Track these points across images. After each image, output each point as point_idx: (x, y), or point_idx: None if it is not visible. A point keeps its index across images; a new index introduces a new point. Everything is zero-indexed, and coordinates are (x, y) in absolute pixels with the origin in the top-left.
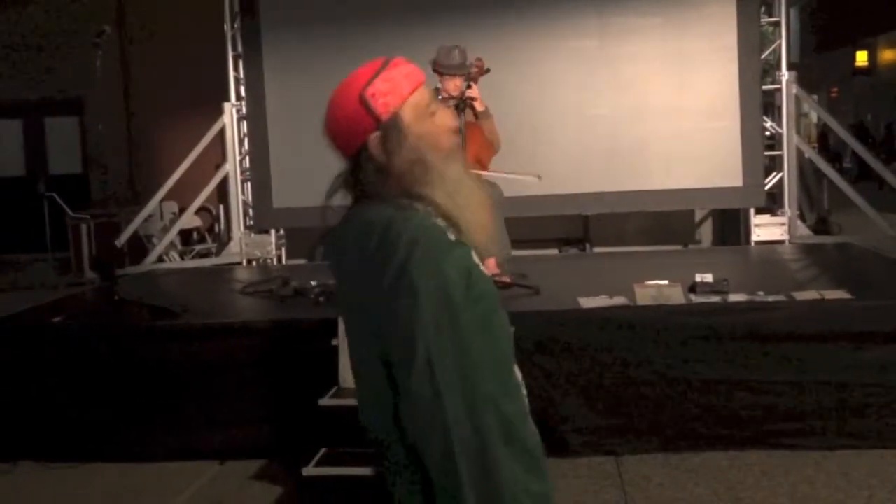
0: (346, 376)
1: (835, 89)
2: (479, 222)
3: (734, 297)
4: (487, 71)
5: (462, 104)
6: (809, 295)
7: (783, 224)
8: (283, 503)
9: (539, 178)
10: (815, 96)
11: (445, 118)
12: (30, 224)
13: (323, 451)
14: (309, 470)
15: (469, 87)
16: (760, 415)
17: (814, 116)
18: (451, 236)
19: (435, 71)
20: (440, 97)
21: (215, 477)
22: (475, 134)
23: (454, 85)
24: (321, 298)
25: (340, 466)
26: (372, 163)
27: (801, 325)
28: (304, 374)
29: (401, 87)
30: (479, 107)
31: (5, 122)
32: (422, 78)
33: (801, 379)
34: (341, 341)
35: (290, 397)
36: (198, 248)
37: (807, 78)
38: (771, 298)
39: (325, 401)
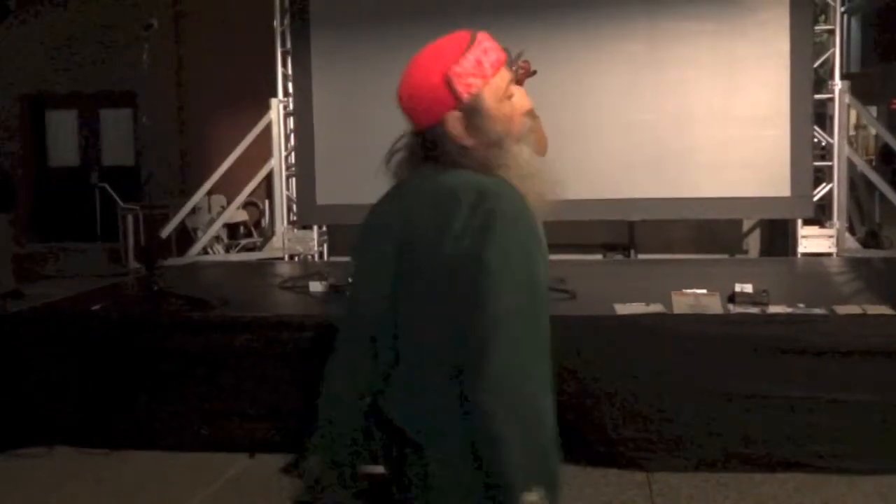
0: None
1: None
2: (542, 208)
3: (774, 309)
4: (534, 73)
5: None
6: (852, 309)
7: (831, 236)
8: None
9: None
10: (875, 107)
11: (522, 101)
12: (82, 213)
13: None
14: None
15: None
16: (798, 433)
17: (871, 128)
18: None
19: None
20: None
21: (245, 469)
22: None
23: None
24: None
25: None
26: (448, 138)
27: (841, 339)
28: None
29: (484, 68)
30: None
31: (61, 113)
32: (503, 58)
33: (841, 396)
34: None
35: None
36: (243, 242)
37: (868, 88)
38: (812, 311)
39: None
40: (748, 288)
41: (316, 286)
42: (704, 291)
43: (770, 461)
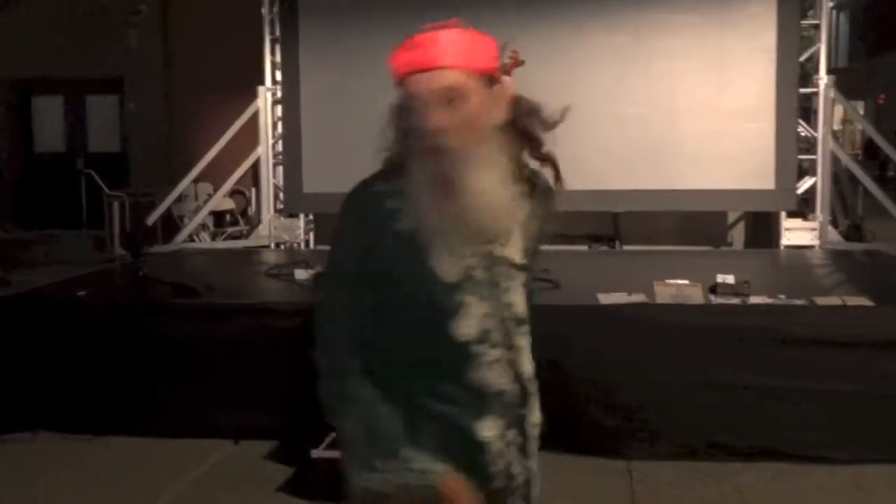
0: None
1: (883, 95)
2: (477, 216)
3: (755, 300)
4: (522, 63)
5: None
6: (831, 300)
7: (814, 229)
8: (292, 484)
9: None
10: (862, 102)
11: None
12: (68, 200)
13: (333, 433)
14: (318, 452)
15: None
16: (777, 422)
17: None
18: None
19: None
20: None
21: (229, 455)
22: None
23: None
24: None
25: None
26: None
27: (820, 330)
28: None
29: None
30: None
31: (47, 99)
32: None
33: (820, 386)
34: None
35: (305, 379)
36: (230, 230)
37: (855, 83)
38: (792, 302)
39: None
40: (730, 279)
41: (301, 274)
42: (686, 282)
43: (749, 450)
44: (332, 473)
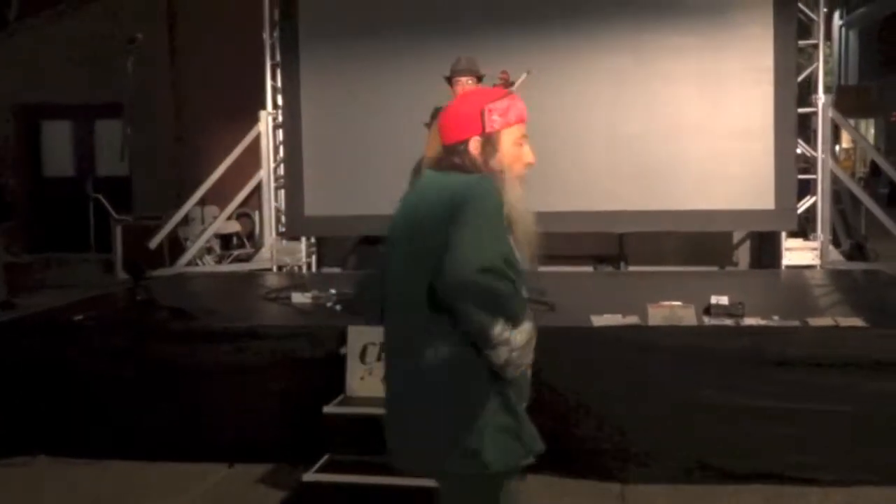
0: (353, 385)
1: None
2: (525, 236)
3: (748, 321)
4: (512, 83)
5: None
6: (824, 321)
7: (815, 249)
8: None
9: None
10: (873, 120)
11: (528, 153)
12: (77, 224)
13: (326, 457)
14: (309, 476)
15: None
16: (771, 444)
17: (870, 140)
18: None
19: (447, 80)
20: None
21: (223, 479)
22: None
23: (461, 89)
24: (337, 307)
25: (340, 474)
26: (468, 156)
27: (812, 351)
28: (313, 380)
29: (509, 116)
30: None
31: (56, 124)
32: (525, 116)
33: (813, 407)
34: (350, 350)
35: (300, 403)
36: (236, 252)
37: (866, 101)
38: (785, 323)
39: (330, 408)
40: (724, 300)
41: (299, 297)
42: (680, 303)
43: (744, 472)
44: (323, 497)
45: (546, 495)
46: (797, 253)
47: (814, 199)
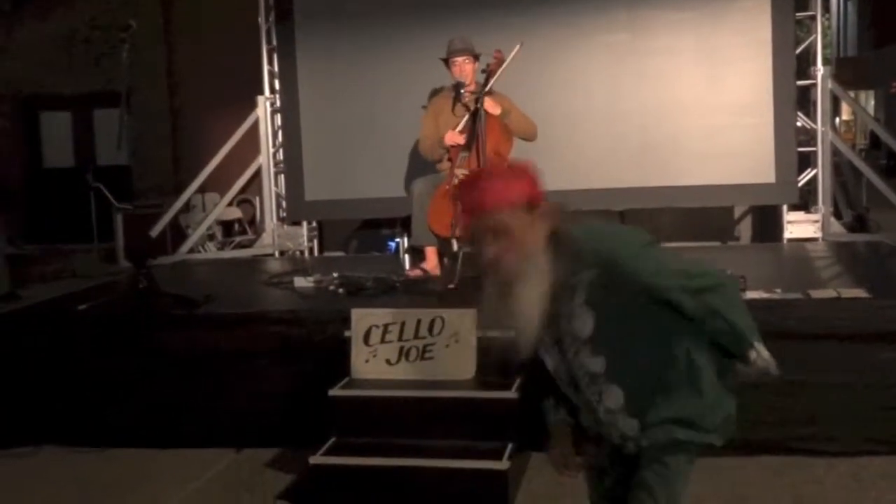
0: (358, 367)
1: (895, 84)
2: (522, 324)
3: (750, 294)
4: (504, 60)
5: (477, 108)
6: (826, 293)
7: (816, 221)
8: (293, 491)
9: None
10: (873, 91)
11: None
12: (78, 214)
13: (332, 440)
14: (316, 459)
15: (484, 89)
16: (774, 416)
17: (870, 111)
18: None
19: (444, 62)
20: (462, 91)
21: (230, 464)
22: (494, 127)
23: (459, 69)
24: (340, 290)
25: (347, 456)
26: None
27: (814, 323)
28: (318, 364)
29: None
30: (493, 111)
31: (56, 115)
32: None
33: (817, 379)
34: (353, 333)
35: (305, 386)
36: (238, 238)
37: (865, 72)
38: (787, 296)
39: (336, 391)
40: None
41: (301, 282)
42: None
43: (747, 444)
44: (330, 479)
45: (548, 471)
46: (799, 226)
47: (814, 171)
